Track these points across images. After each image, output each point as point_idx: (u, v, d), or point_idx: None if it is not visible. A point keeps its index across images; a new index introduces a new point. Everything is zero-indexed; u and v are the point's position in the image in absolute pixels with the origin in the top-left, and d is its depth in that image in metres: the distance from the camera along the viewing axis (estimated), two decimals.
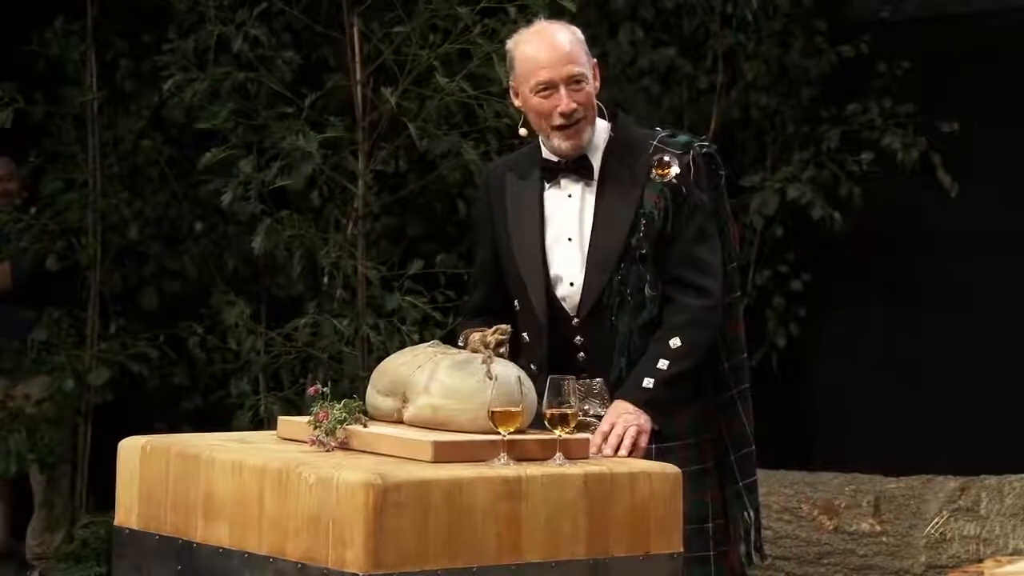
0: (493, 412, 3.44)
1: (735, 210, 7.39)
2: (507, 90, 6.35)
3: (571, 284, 3.90)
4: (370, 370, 4.00)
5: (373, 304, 6.48)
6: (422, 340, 5.75)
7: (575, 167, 3.91)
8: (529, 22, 6.12)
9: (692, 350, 3.83)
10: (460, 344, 3.82)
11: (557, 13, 6.21)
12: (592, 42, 7.45)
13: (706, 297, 3.86)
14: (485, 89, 6.37)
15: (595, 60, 3.93)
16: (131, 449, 3.69)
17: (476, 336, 3.74)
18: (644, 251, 3.84)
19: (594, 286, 3.86)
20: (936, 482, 6.22)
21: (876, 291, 7.45)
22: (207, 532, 3.47)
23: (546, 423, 3.48)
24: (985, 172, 7.11)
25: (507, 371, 3.57)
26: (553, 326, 3.91)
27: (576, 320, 3.89)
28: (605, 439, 3.71)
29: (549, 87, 3.85)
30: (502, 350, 3.69)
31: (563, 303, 3.92)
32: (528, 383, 3.56)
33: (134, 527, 3.65)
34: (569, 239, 3.91)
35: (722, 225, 3.96)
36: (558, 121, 3.85)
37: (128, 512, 3.67)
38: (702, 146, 3.92)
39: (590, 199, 3.90)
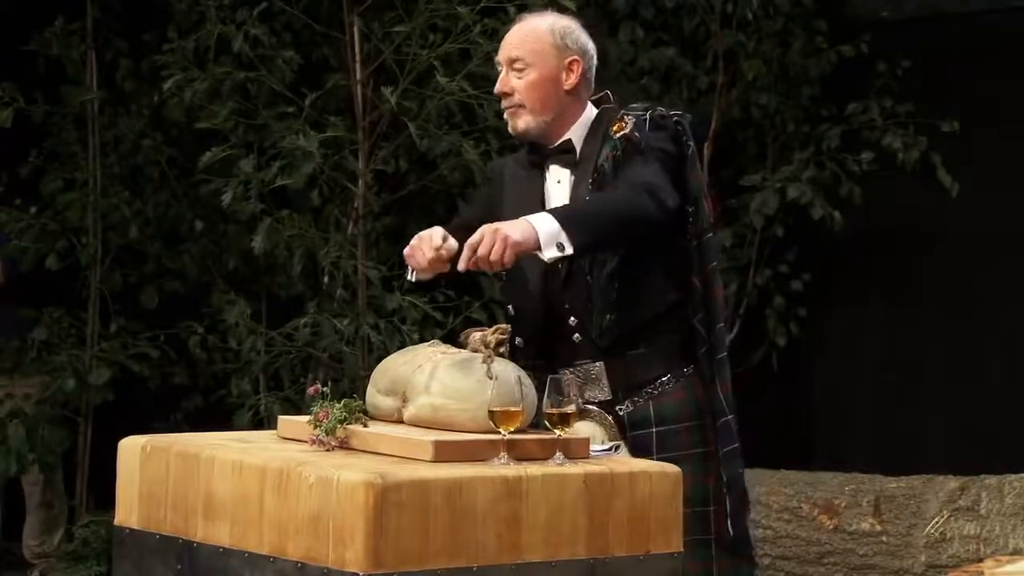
0: (493, 412, 3.44)
1: (734, 208, 7.44)
2: None
3: (560, 266, 3.91)
4: (370, 370, 4.00)
5: (373, 304, 6.48)
6: (422, 340, 5.75)
7: (559, 152, 3.95)
8: None
9: (615, 199, 3.77)
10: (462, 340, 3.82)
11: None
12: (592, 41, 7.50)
13: (640, 186, 3.79)
14: (485, 89, 6.36)
15: (574, 57, 3.95)
16: (131, 449, 3.69)
17: (476, 335, 3.74)
18: None
19: (578, 272, 3.88)
20: (936, 482, 6.22)
21: (876, 291, 7.45)
22: (207, 532, 3.47)
23: (546, 423, 3.48)
24: (985, 172, 7.11)
25: (507, 371, 3.57)
26: (543, 314, 3.92)
27: (567, 305, 3.90)
28: (473, 250, 3.62)
29: (500, 65, 3.98)
30: (502, 349, 3.70)
31: (556, 287, 3.94)
32: (528, 383, 3.56)
33: (134, 527, 3.65)
34: None
35: (696, 195, 3.94)
36: (501, 102, 3.97)
37: (128, 512, 3.67)
38: (666, 111, 3.95)
39: (584, 184, 3.92)
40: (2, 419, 7.07)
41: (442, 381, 3.59)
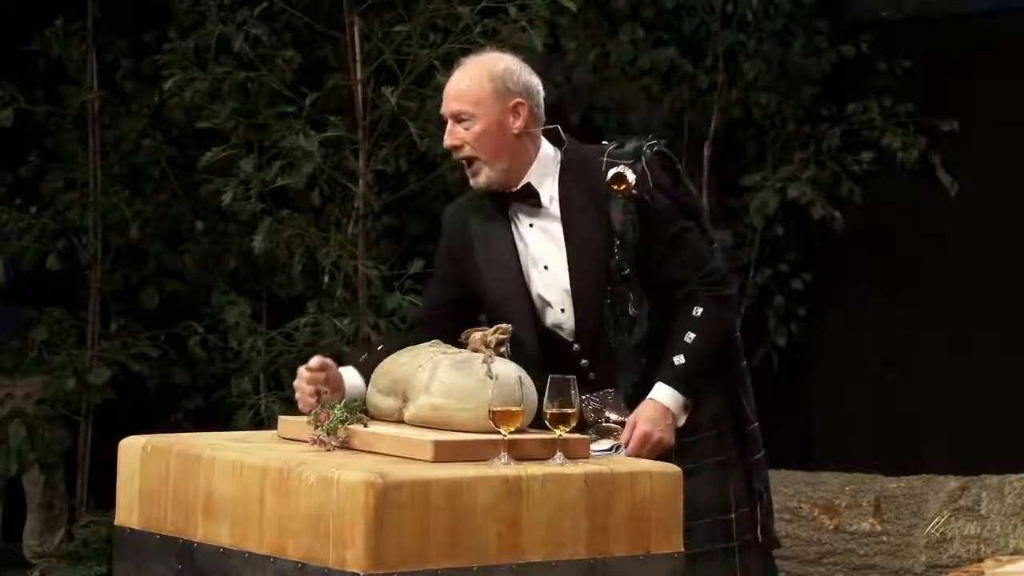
0: (493, 411, 3.44)
1: (735, 210, 7.44)
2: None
3: (562, 311, 3.91)
4: None
5: (374, 304, 6.48)
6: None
7: (522, 196, 3.90)
8: (530, 22, 6.19)
9: (712, 335, 3.84)
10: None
11: (558, 13, 6.23)
12: (592, 41, 7.50)
13: (715, 286, 3.86)
14: None
15: (518, 100, 3.86)
16: (132, 449, 3.69)
17: (477, 335, 3.74)
18: (626, 271, 3.84)
19: (585, 311, 3.86)
20: (937, 482, 6.22)
21: (876, 291, 7.45)
22: (208, 532, 3.47)
23: (546, 423, 3.48)
24: (985, 172, 7.11)
25: (507, 370, 3.57)
26: (551, 354, 3.90)
27: (577, 346, 3.90)
28: (627, 442, 3.76)
29: (446, 118, 3.91)
30: (503, 349, 3.69)
31: (559, 331, 3.93)
32: (528, 382, 3.56)
33: (135, 527, 3.65)
34: (545, 267, 3.91)
35: (696, 213, 3.95)
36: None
37: (129, 512, 3.67)
38: (651, 147, 3.89)
39: (554, 226, 3.89)
40: (3, 419, 7.06)
41: (442, 381, 3.59)
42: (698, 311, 3.82)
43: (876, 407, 7.41)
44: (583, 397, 3.84)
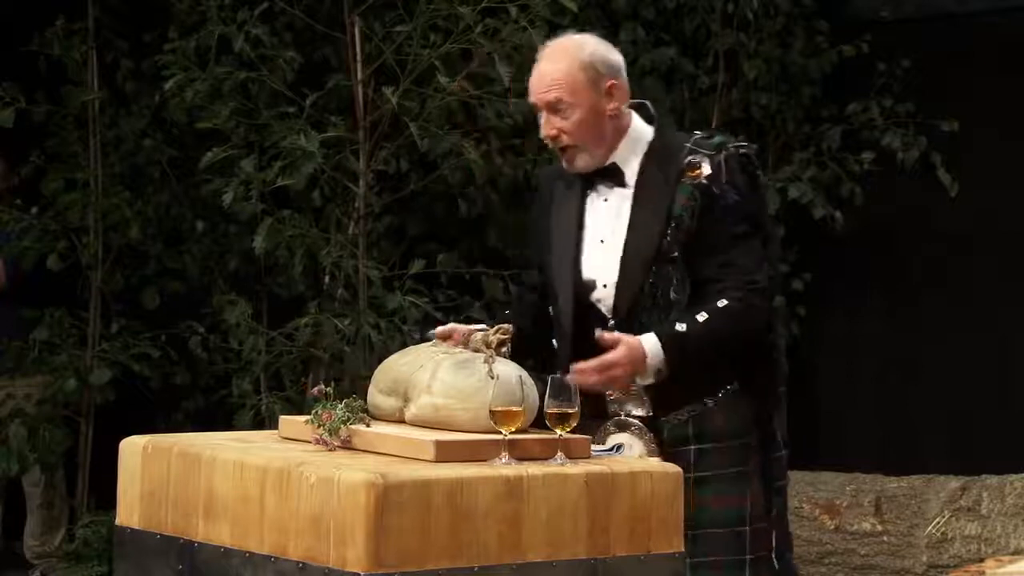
0: (494, 411, 3.45)
1: None
2: (507, 90, 6.37)
3: (604, 286, 3.90)
4: (371, 370, 4.01)
5: (374, 304, 6.48)
6: (423, 340, 5.74)
7: (606, 173, 3.92)
8: (531, 22, 6.19)
9: (723, 329, 3.79)
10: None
11: (558, 13, 6.23)
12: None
13: (750, 295, 3.81)
14: (486, 89, 6.37)
15: (611, 80, 3.88)
16: (132, 449, 3.69)
17: (478, 335, 3.74)
18: (675, 254, 3.82)
19: (627, 288, 3.83)
20: (937, 482, 6.23)
21: (876, 291, 7.45)
22: (208, 532, 3.47)
23: (547, 423, 3.48)
24: (985, 172, 7.11)
25: (508, 370, 3.58)
26: (584, 328, 3.89)
27: (612, 323, 3.87)
28: (598, 369, 3.72)
29: (539, 110, 3.90)
30: (504, 349, 3.70)
31: (599, 306, 3.91)
32: (529, 382, 3.56)
33: (136, 527, 3.65)
34: (601, 241, 3.91)
35: (759, 224, 3.91)
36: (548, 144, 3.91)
37: (129, 512, 3.67)
38: (737, 147, 3.90)
39: (626, 204, 3.89)
40: (3, 419, 7.07)
41: (443, 381, 3.59)
42: (722, 303, 3.78)
43: (876, 407, 7.41)
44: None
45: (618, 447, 3.80)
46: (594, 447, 3.64)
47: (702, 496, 3.81)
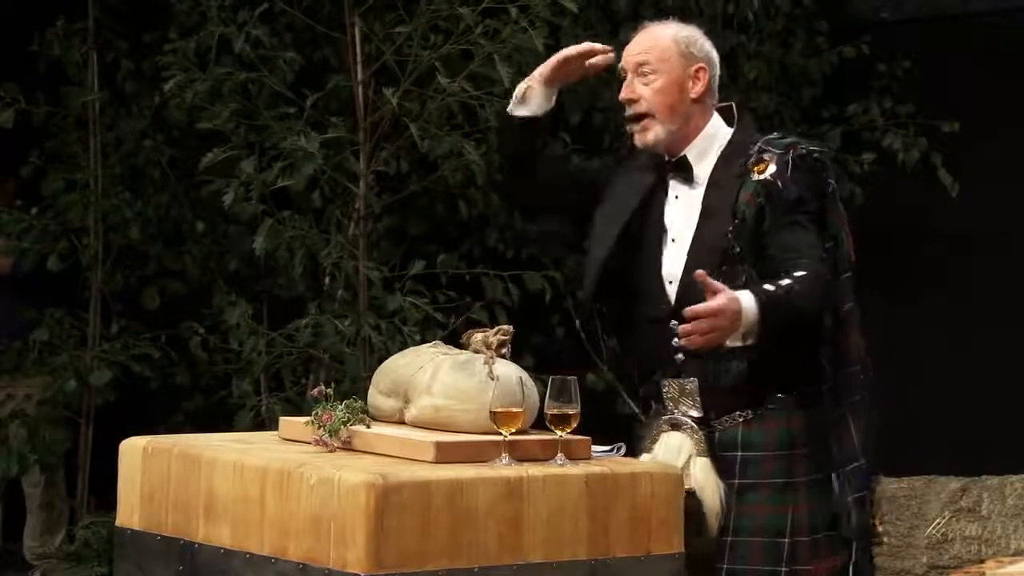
0: (494, 412, 3.45)
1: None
2: (508, 90, 6.36)
3: (669, 283, 3.87)
4: (371, 371, 4.01)
5: (374, 305, 6.48)
6: (424, 341, 5.75)
7: (677, 167, 3.90)
8: (531, 23, 6.19)
9: (806, 294, 3.68)
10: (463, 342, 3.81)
11: (559, 13, 6.23)
12: (593, 42, 7.49)
13: (816, 266, 3.73)
14: (487, 89, 6.37)
15: (700, 65, 3.88)
16: (133, 449, 3.69)
17: (478, 336, 3.74)
18: (738, 250, 3.77)
19: (694, 285, 3.69)
20: (937, 483, 6.23)
21: (876, 290, 7.44)
22: (208, 532, 3.47)
23: (547, 423, 3.48)
24: (985, 172, 7.11)
25: (508, 371, 3.57)
26: (652, 326, 3.87)
27: (675, 321, 3.78)
28: (707, 313, 3.56)
29: (624, 74, 3.91)
30: (504, 350, 3.69)
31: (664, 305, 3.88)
32: (530, 383, 3.56)
33: (136, 527, 3.65)
34: (672, 240, 3.89)
35: (836, 232, 3.86)
36: (626, 111, 3.90)
37: (130, 512, 3.67)
38: (807, 147, 3.85)
39: (696, 201, 3.87)
40: (3, 420, 7.07)
41: (444, 382, 3.59)
42: (799, 273, 3.68)
43: (876, 407, 7.39)
44: (665, 382, 3.84)
45: (618, 447, 3.79)
46: (595, 447, 3.64)
47: (743, 504, 3.78)
